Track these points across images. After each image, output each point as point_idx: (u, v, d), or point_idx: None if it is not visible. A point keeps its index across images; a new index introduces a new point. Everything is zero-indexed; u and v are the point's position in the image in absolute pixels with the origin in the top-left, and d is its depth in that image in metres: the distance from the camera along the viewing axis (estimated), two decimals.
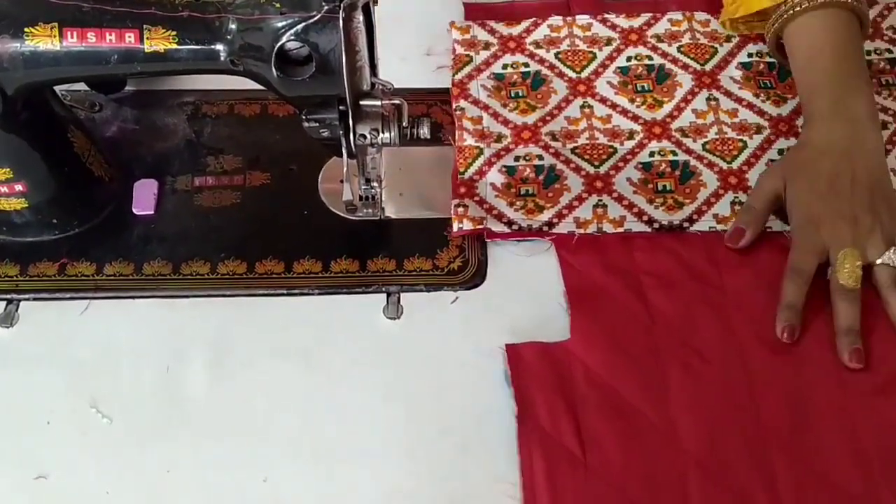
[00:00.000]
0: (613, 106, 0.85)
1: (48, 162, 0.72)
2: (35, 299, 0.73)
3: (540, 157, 0.81)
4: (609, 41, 0.90)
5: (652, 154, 0.81)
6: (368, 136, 0.67)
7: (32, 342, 0.71)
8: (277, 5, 0.61)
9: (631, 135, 0.83)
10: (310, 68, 0.62)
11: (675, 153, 0.81)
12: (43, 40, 0.62)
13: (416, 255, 0.75)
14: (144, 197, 0.78)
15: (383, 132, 0.68)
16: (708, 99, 0.85)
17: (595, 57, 0.89)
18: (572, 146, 0.82)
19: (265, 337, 0.71)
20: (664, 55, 0.88)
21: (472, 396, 0.69)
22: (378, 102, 0.67)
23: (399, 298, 0.73)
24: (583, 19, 0.91)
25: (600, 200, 0.78)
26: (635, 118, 0.84)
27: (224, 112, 0.85)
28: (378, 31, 0.67)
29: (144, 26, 0.62)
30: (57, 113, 0.73)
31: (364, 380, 0.69)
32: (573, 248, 0.75)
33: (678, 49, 0.89)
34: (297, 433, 0.67)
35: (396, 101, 0.68)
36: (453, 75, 0.86)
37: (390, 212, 0.78)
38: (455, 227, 0.76)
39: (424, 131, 0.71)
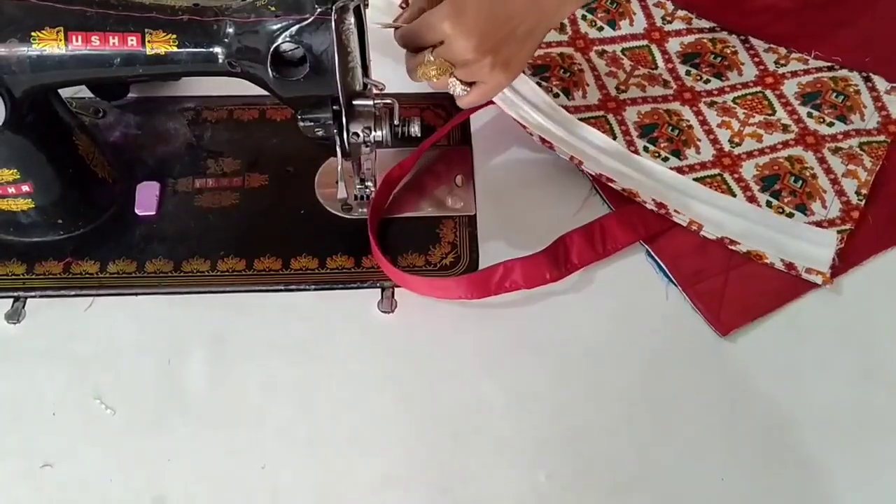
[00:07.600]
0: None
1: (54, 163, 0.74)
2: (41, 296, 0.75)
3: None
4: None
5: None
6: (361, 135, 0.69)
7: (39, 337, 0.73)
8: (272, 8, 0.63)
9: None
10: (304, 69, 0.64)
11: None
12: (49, 44, 0.64)
13: (410, 251, 0.78)
14: (146, 198, 0.80)
15: (375, 130, 0.69)
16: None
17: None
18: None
19: (263, 331, 0.74)
20: None
21: (463, 386, 0.71)
22: (370, 102, 0.69)
23: (393, 293, 0.75)
24: None
25: None
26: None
27: (223, 117, 0.87)
28: (371, 37, 0.69)
29: (146, 30, 0.64)
30: (62, 116, 0.75)
31: (359, 372, 0.71)
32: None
33: None
34: (294, 422, 0.69)
35: (388, 101, 0.70)
36: None
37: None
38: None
39: (415, 129, 0.73)
